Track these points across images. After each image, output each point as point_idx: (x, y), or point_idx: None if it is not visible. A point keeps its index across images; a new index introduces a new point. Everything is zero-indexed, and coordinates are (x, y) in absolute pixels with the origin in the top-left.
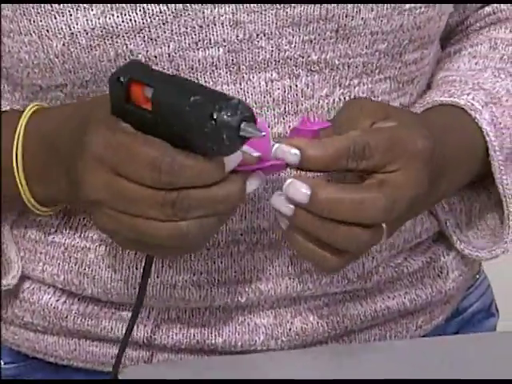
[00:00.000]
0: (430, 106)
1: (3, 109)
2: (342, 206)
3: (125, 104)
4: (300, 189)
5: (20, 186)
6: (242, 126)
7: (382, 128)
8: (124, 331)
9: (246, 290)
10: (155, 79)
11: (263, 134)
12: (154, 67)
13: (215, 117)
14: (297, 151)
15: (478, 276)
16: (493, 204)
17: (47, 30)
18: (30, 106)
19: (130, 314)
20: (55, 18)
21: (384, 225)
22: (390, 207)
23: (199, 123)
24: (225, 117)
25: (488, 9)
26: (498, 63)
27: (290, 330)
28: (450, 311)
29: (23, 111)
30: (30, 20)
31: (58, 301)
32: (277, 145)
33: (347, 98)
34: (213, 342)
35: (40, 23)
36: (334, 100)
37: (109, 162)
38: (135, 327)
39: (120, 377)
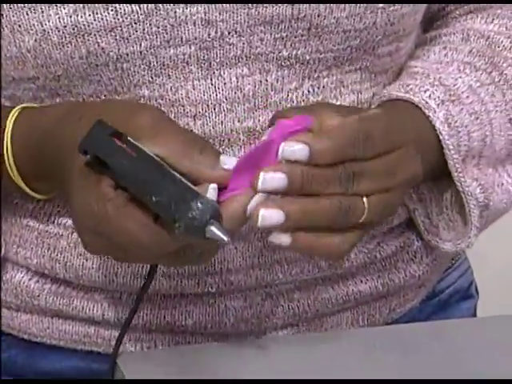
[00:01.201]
0: (386, 100)
1: None
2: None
3: (99, 169)
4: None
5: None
6: (207, 228)
7: (373, 115)
8: (96, 311)
9: (216, 280)
10: (117, 161)
11: (227, 239)
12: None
13: (177, 225)
14: (305, 146)
15: (457, 257)
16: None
17: (19, 26)
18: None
19: (102, 295)
20: (27, 15)
21: (365, 198)
22: None
23: (166, 221)
24: (188, 224)
25: None
26: (466, 57)
27: (260, 312)
28: (424, 294)
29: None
30: (2, 15)
31: (30, 280)
32: (282, 144)
33: (316, 89)
34: (183, 323)
35: (12, 18)
36: (303, 92)
37: (96, 231)
38: (106, 306)
39: (118, 361)
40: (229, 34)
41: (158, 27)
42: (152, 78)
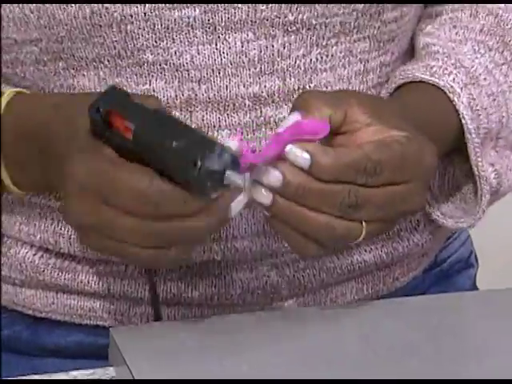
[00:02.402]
0: (410, 81)
1: None
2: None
3: (106, 130)
4: (274, 173)
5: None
6: (226, 174)
7: (393, 143)
8: (101, 285)
9: (222, 248)
10: (136, 114)
11: (243, 183)
12: (128, 27)
13: (199, 165)
14: (308, 156)
15: None
16: (464, 176)
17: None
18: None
19: (106, 269)
20: None
21: (364, 223)
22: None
23: (182, 169)
24: (208, 165)
25: None
26: (478, 35)
27: (266, 283)
28: (427, 263)
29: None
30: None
31: (34, 255)
32: (289, 146)
33: (324, 57)
34: (189, 295)
35: None
36: (310, 60)
37: (94, 191)
38: (112, 280)
39: (113, 333)
40: None
41: None
42: (156, 41)
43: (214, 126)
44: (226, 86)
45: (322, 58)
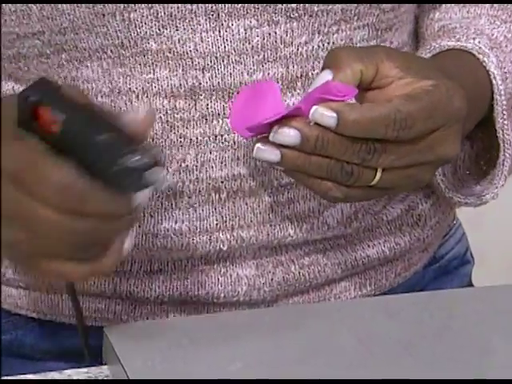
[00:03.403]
0: (438, 52)
1: None
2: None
3: (31, 122)
4: (289, 131)
5: None
6: (147, 173)
7: (421, 94)
8: (108, 285)
9: (228, 237)
10: (65, 107)
11: (167, 183)
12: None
13: (119, 162)
14: (334, 114)
15: (453, 223)
16: (474, 153)
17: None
18: None
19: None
20: None
21: (380, 169)
22: None
23: (104, 164)
24: (128, 163)
25: None
26: (490, 10)
27: (271, 280)
28: (427, 259)
29: None
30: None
31: None
32: (314, 107)
33: (326, 44)
34: (195, 293)
35: None
36: (312, 47)
37: (18, 178)
38: (118, 280)
39: (107, 332)
40: None
41: None
42: (159, 29)
43: (219, 114)
44: (230, 74)
45: (323, 45)
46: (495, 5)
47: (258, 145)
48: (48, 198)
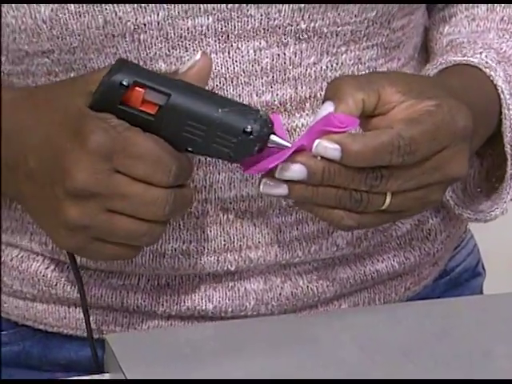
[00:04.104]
0: (444, 67)
1: None
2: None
3: (117, 105)
4: (294, 167)
5: None
6: (272, 138)
7: (423, 116)
8: (114, 298)
9: (236, 258)
10: (168, 85)
11: (289, 144)
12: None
13: (249, 130)
14: (337, 147)
15: (464, 235)
16: (485, 170)
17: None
18: None
19: (119, 282)
20: None
21: (389, 193)
22: None
23: (229, 134)
24: (259, 130)
25: None
26: (500, 24)
27: (280, 294)
28: (437, 272)
29: None
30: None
31: (47, 268)
32: (317, 141)
33: (334, 65)
34: (203, 308)
35: None
36: (321, 68)
37: (107, 155)
38: (125, 293)
39: (109, 340)
40: (247, 4)
41: None
42: (169, 50)
43: None
44: (239, 95)
45: (332, 65)
46: (505, 18)
47: (265, 180)
48: (139, 172)
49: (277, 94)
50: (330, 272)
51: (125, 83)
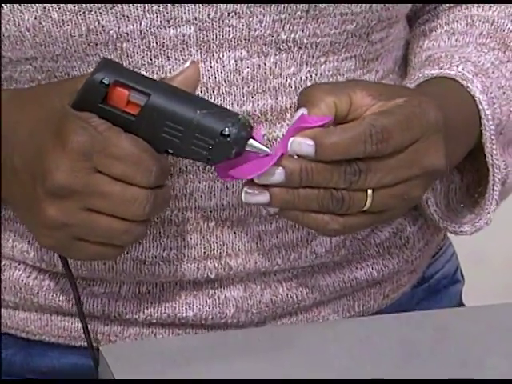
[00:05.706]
0: (422, 80)
1: None
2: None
3: (99, 105)
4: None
5: None
6: (250, 142)
7: (394, 108)
8: (96, 306)
9: (216, 265)
10: (148, 85)
11: (268, 150)
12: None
13: (227, 133)
14: (311, 142)
15: (442, 243)
16: (465, 186)
17: (19, 3)
18: None
19: (100, 289)
20: None
21: (370, 191)
22: None
23: (207, 136)
24: (236, 133)
25: None
26: (478, 39)
27: (259, 302)
28: (416, 279)
29: None
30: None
31: (28, 277)
32: (291, 139)
33: (313, 75)
34: (184, 315)
35: None
36: (300, 78)
37: (86, 154)
38: (107, 301)
39: (103, 351)
40: (228, 14)
41: (159, 5)
42: (151, 59)
43: None
44: (220, 105)
45: (311, 76)
46: (484, 33)
47: (246, 189)
48: (118, 172)
49: (257, 104)
50: (310, 279)
51: (105, 82)
